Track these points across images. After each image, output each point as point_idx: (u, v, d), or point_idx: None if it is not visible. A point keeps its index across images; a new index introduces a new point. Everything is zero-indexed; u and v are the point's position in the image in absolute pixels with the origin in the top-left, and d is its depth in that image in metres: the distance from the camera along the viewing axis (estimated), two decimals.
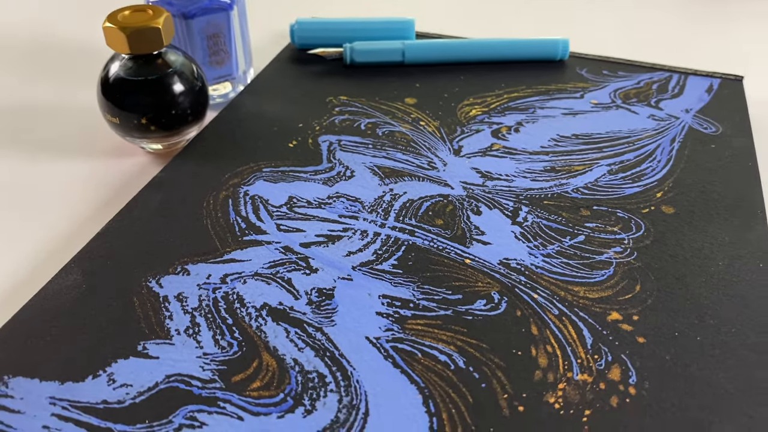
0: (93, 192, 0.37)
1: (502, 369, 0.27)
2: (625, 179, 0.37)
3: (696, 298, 0.30)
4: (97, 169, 0.39)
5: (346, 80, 0.45)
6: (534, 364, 0.27)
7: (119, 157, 0.40)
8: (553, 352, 0.28)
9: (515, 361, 0.27)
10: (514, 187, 0.36)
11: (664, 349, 0.28)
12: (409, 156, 0.38)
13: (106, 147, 0.41)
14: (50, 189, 0.38)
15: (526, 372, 0.27)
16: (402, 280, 0.31)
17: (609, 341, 0.28)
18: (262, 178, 0.37)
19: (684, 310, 0.29)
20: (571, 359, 0.27)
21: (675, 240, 0.33)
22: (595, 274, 0.31)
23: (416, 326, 0.29)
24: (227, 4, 0.42)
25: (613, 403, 0.26)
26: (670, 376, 0.27)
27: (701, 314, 0.29)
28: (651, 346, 0.28)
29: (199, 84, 0.39)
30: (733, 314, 0.29)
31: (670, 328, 0.29)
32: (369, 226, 0.34)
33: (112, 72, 0.38)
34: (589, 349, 0.28)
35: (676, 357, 0.27)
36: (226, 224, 0.34)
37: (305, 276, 0.31)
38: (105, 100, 0.38)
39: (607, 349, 0.28)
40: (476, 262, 0.32)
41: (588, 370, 0.27)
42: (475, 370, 0.27)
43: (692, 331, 0.28)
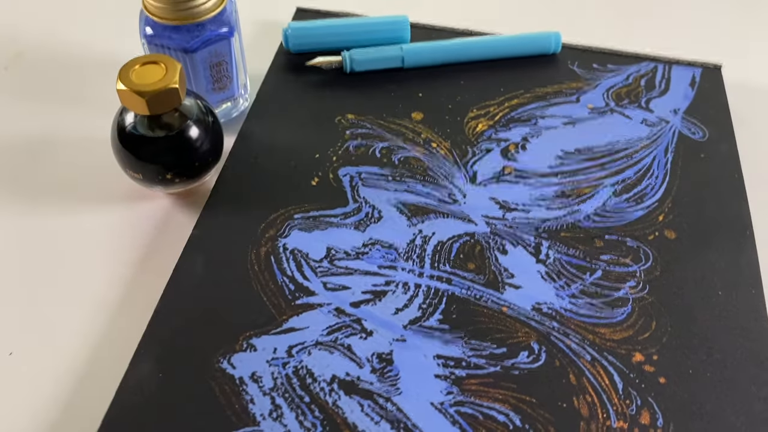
0: (124, 246, 0.38)
1: (552, 423, 0.31)
2: (629, 201, 0.40)
3: (703, 333, 0.35)
4: (121, 218, 0.39)
5: (348, 93, 0.45)
6: (578, 415, 0.32)
7: (140, 201, 0.40)
8: (591, 401, 0.32)
9: (562, 415, 0.32)
10: (532, 218, 0.39)
11: (682, 389, 0.33)
12: (429, 188, 0.40)
13: (124, 189, 0.41)
14: (76, 246, 0.38)
15: (572, 424, 0.31)
16: (450, 337, 0.34)
17: (636, 384, 0.33)
18: (296, 227, 0.38)
19: (694, 346, 0.34)
20: (607, 407, 0.32)
21: (680, 270, 0.37)
22: (616, 314, 0.35)
23: (472, 386, 0.32)
24: (228, 32, 0.40)
25: None
26: (690, 416, 0.32)
27: (709, 349, 0.34)
28: (671, 387, 0.33)
29: (211, 119, 0.39)
30: (735, 347, 0.34)
31: (684, 366, 0.33)
32: (408, 277, 0.36)
33: (130, 126, 0.37)
34: (621, 394, 0.33)
35: (693, 396, 0.32)
36: (276, 287, 0.35)
37: (363, 341, 0.34)
38: (125, 157, 0.38)
39: (635, 393, 0.33)
40: (512, 310, 0.35)
41: (623, 416, 0.32)
42: (530, 427, 0.31)
43: (703, 368, 0.33)
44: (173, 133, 0.37)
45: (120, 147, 0.37)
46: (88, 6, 0.53)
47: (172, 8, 0.38)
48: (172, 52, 0.40)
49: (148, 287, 0.36)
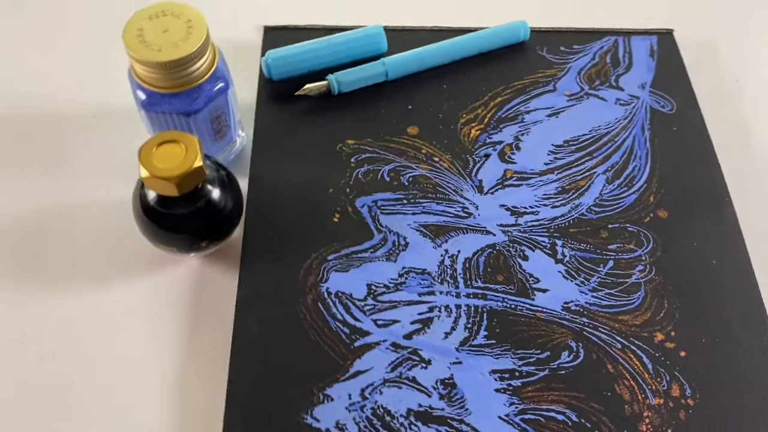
0: (168, 315, 0.39)
1: (602, 412, 0.36)
2: (621, 186, 0.44)
3: (708, 302, 0.40)
4: (155, 286, 0.40)
5: (342, 116, 0.46)
6: (621, 400, 0.37)
7: (168, 265, 0.41)
8: (629, 385, 0.37)
9: (609, 402, 0.37)
10: (542, 219, 0.43)
11: (700, 358, 0.38)
12: (443, 205, 0.43)
13: (147, 254, 0.41)
14: (118, 323, 0.39)
15: (618, 409, 0.37)
16: (500, 351, 0.38)
17: (662, 362, 0.38)
18: (332, 269, 0.40)
19: (703, 316, 0.39)
20: (643, 387, 0.37)
21: (677, 248, 0.42)
22: (633, 299, 0.40)
23: (529, 393, 0.37)
24: (225, 86, 0.40)
25: (681, 416, 0.37)
26: (710, 381, 0.37)
27: (715, 316, 0.40)
28: (691, 358, 0.38)
29: (224, 173, 0.40)
30: (735, 308, 0.40)
31: (696, 336, 0.39)
32: (448, 300, 0.39)
33: (153, 202, 0.37)
34: (652, 373, 0.38)
35: (710, 362, 0.38)
36: (332, 334, 0.38)
37: (424, 370, 0.37)
38: (156, 234, 0.38)
39: (663, 370, 0.38)
40: (546, 314, 0.39)
41: (658, 393, 0.37)
42: (586, 420, 0.36)
43: (712, 334, 0.39)
44: (201, 203, 0.38)
45: (150, 224, 0.38)
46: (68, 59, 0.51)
47: (169, 77, 0.38)
48: (173, 116, 0.40)
49: (208, 355, 0.38)
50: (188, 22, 0.38)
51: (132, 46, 0.37)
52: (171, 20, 0.38)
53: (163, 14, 0.39)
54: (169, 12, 0.39)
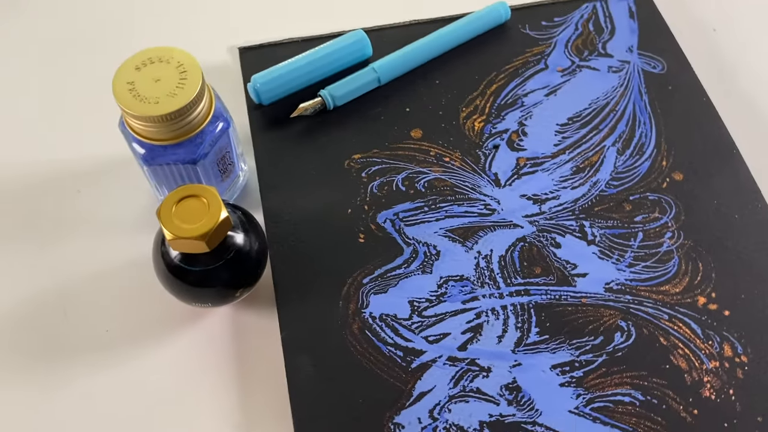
0: (216, 370, 0.38)
1: (666, 386, 0.37)
2: (633, 155, 0.44)
3: (738, 256, 0.41)
4: (194, 342, 0.39)
5: (343, 131, 0.45)
6: (679, 370, 0.37)
7: (200, 317, 0.39)
8: (684, 354, 0.38)
9: (670, 375, 0.37)
10: (565, 203, 0.42)
11: (744, 315, 0.39)
12: (465, 206, 0.42)
13: (177, 312, 0.39)
14: (168, 387, 0.37)
15: (679, 379, 0.37)
16: (555, 345, 0.38)
17: (710, 324, 0.39)
18: (371, 293, 0.39)
19: (736, 272, 0.40)
20: (698, 353, 0.38)
21: (699, 208, 0.42)
22: (669, 267, 0.40)
23: (592, 382, 0.37)
24: (226, 125, 0.38)
25: (739, 375, 0.37)
26: (758, 333, 0.38)
27: (748, 269, 0.40)
28: (735, 316, 0.39)
29: (240, 213, 0.38)
30: (764, 260, 0.41)
31: (736, 292, 0.40)
32: (492, 302, 0.39)
33: (179, 260, 0.36)
34: (702, 338, 0.38)
35: (753, 316, 0.39)
36: (386, 359, 0.37)
37: (486, 379, 0.37)
38: (190, 293, 0.37)
39: (712, 332, 0.38)
40: (591, 298, 0.39)
41: (712, 356, 0.38)
42: (652, 397, 0.37)
43: (750, 288, 0.40)
44: (230, 254, 0.36)
45: (178, 283, 0.36)
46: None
47: (169, 129, 0.36)
48: (178, 166, 0.38)
49: (267, 404, 0.37)
50: (179, 66, 0.36)
51: (125, 101, 0.35)
52: (161, 67, 0.36)
53: (150, 62, 0.36)
54: (157, 58, 0.36)
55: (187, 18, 0.51)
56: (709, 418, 0.36)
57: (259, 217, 0.42)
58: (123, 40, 0.49)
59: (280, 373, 0.37)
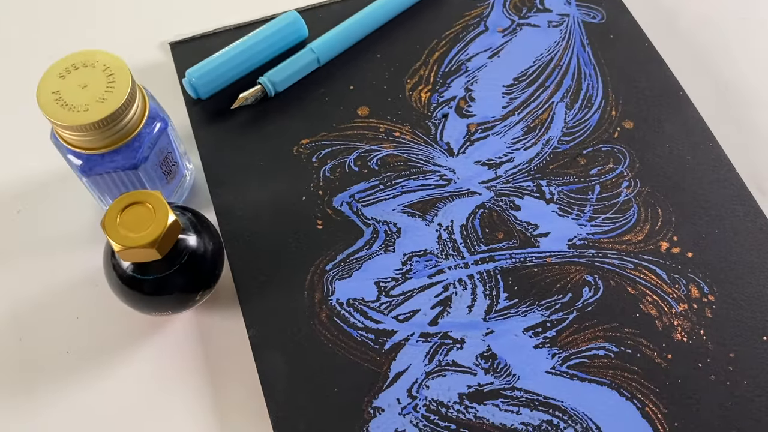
0: (185, 379, 0.37)
1: (638, 335, 0.37)
2: (582, 108, 0.44)
3: (694, 199, 0.41)
4: (158, 353, 0.37)
5: (287, 117, 0.43)
6: (650, 317, 0.38)
7: (162, 325, 0.38)
8: (653, 300, 0.38)
9: (641, 323, 0.37)
10: (520, 164, 0.42)
11: (707, 254, 0.39)
12: (420, 179, 0.41)
13: (135, 322, 0.38)
14: (140, 403, 0.36)
15: (651, 326, 0.37)
16: (525, 308, 0.38)
17: (674, 268, 0.39)
18: (335, 279, 0.38)
19: (694, 213, 0.40)
20: (666, 299, 0.38)
21: (652, 154, 0.42)
22: (629, 216, 0.40)
23: (566, 340, 0.37)
24: (164, 125, 0.37)
25: (708, 314, 0.38)
26: (720, 272, 0.39)
27: (704, 210, 0.41)
28: (698, 257, 0.39)
29: (189, 213, 0.37)
30: (719, 197, 0.41)
31: (696, 234, 0.40)
32: (458, 273, 0.39)
33: (132, 271, 0.34)
34: (669, 282, 0.39)
35: (715, 255, 0.39)
36: (359, 344, 0.37)
37: (460, 351, 0.37)
38: (148, 303, 0.35)
39: (677, 276, 0.39)
40: (555, 257, 0.39)
41: (680, 299, 0.38)
42: (626, 347, 0.37)
43: (709, 227, 0.40)
44: (184, 258, 0.35)
45: (133, 294, 0.35)
46: None
47: (103, 136, 0.34)
48: (119, 174, 0.36)
49: (242, 405, 0.36)
50: (106, 70, 0.34)
51: (52, 112, 0.33)
52: (86, 72, 0.34)
53: (74, 67, 0.34)
54: (81, 63, 0.34)
55: (113, 17, 0.49)
56: (684, 361, 0.36)
57: (211, 216, 0.40)
58: (45, 45, 0.47)
59: (252, 372, 0.37)
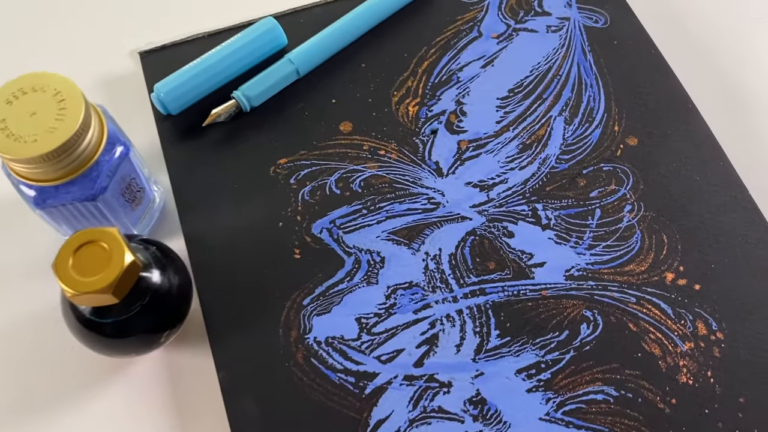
0: (152, 421, 0.34)
1: (639, 377, 0.34)
2: (582, 123, 0.41)
3: (703, 223, 0.38)
4: (124, 395, 0.35)
5: (263, 135, 0.40)
6: (653, 357, 0.35)
7: (130, 367, 0.36)
8: (656, 338, 0.35)
9: (643, 363, 0.34)
10: (514, 186, 0.39)
11: (716, 286, 0.36)
12: (406, 203, 0.38)
13: (100, 364, 0.36)
14: None
15: (654, 367, 0.34)
16: (518, 347, 0.35)
17: (681, 302, 0.36)
18: (313, 315, 0.36)
19: (702, 240, 0.37)
20: (671, 336, 0.35)
21: (657, 174, 0.39)
22: (631, 243, 0.37)
23: (562, 383, 0.34)
24: (125, 150, 0.34)
25: (716, 353, 0.35)
26: (731, 305, 0.36)
27: (715, 235, 0.37)
28: (706, 289, 0.36)
29: (154, 248, 0.34)
30: (729, 222, 0.38)
31: (704, 263, 0.37)
32: (446, 308, 0.36)
33: (90, 314, 0.32)
34: (674, 318, 0.36)
35: (725, 287, 0.36)
36: (337, 388, 0.34)
37: (447, 395, 0.34)
38: (112, 347, 0.33)
39: (683, 310, 0.36)
40: (551, 289, 0.36)
41: (686, 337, 0.35)
42: (626, 390, 0.34)
43: (719, 255, 0.37)
44: (146, 299, 0.32)
45: (94, 336, 0.32)
46: None
47: (56, 168, 0.31)
48: (76, 205, 0.33)
49: None
50: (57, 95, 0.31)
51: None
52: (35, 98, 0.31)
53: (22, 93, 0.31)
54: (29, 87, 0.31)
55: (82, 22, 0.46)
56: (689, 406, 0.34)
57: (181, 243, 0.38)
58: (13, 53, 0.44)
59: (223, 416, 0.34)
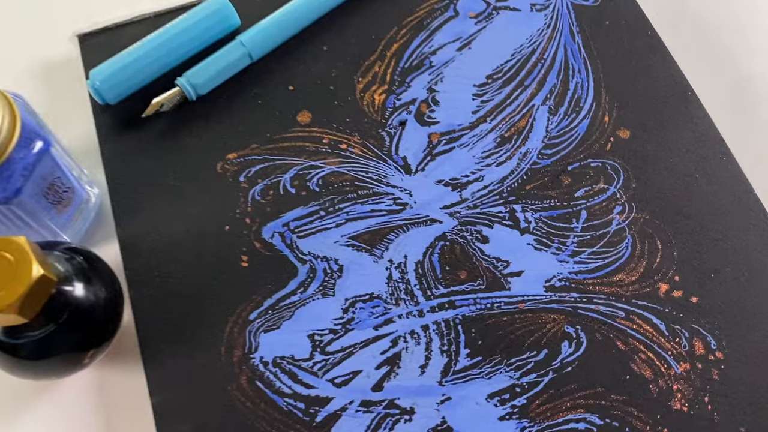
0: None
1: (627, 402, 0.30)
2: (569, 113, 0.36)
3: (703, 227, 0.34)
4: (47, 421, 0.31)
5: (210, 126, 0.36)
6: (643, 380, 0.31)
7: (52, 391, 0.32)
8: (648, 358, 0.31)
9: (632, 388, 0.30)
10: (490, 184, 0.35)
11: (716, 299, 0.32)
12: (370, 203, 0.34)
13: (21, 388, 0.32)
14: None
15: (644, 392, 0.30)
16: (489, 368, 0.31)
17: (676, 317, 0.32)
18: (260, 331, 0.32)
19: (702, 247, 0.33)
20: (663, 356, 0.31)
21: (652, 171, 0.35)
22: (621, 250, 0.33)
23: (539, 410, 0.30)
24: (45, 146, 0.30)
25: (715, 376, 0.31)
26: (737, 324, 0.32)
27: (715, 241, 0.33)
28: (705, 302, 0.32)
29: (80, 258, 0.30)
30: (735, 227, 0.33)
31: (703, 273, 0.33)
32: (411, 323, 0.32)
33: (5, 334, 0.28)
34: (668, 335, 0.31)
35: (729, 301, 0.32)
36: (285, 416, 0.30)
37: (409, 423, 0.30)
38: (22, 368, 0.29)
39: (678, 326, 0.32)
40: (529, 302, 0.32)
41: (681, 357, 0.31)
42: (611, 419, 0.30)
43: (720, 264, 0.33)
44: (64, 316, 0.28)
45: (11, 360, 0.28)
46: None
47: None
48: None
49: None
50: None
51: None
52: None
53: None
54: None
55: (17, 2, 0.42)
56: None
57: (116, 250, 0.34)
58: None
59: None
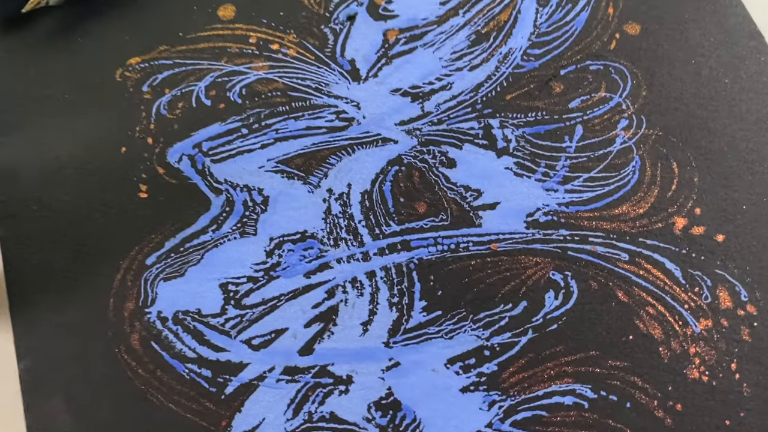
0: None
1: (629, 370, 0.23)
2: (562, 4, 0.28)
3: (733, 147, 0.26)
4: None
5: (109, 24, 0.29)
6: (651, 340, 0.24)
7: None
8: (658, 313, 0.24)
9: (634, 351, 0.24)
10: (460, 94, 0.27)
11: (747, 238, 0.25)
12: (306, 118, 0.27)
13: None
14: None
15: (652, 357, 0.23)
16: (451, 325, 0.24)
17: (695, 260, 0.25)
18: (160, 279, 0.25)
19: (731, 171, 0.26)
20: (678, 310, 0.24)
21: (669, 75, 0.27)
22: (626, 174, 0.26)
23: (512, 379, 0.23)
24: None
25: (745, 336, 0.24)
26: None
27: (747, 163, 0.26)
28: (732, 242, 0.25)
29: None
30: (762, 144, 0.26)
31: (732, 204, 0.25)
32: (353, 269, 0.25)
33: None
34: (684, 284, 0.24)
35: (761, 237, 0.25)
36: (186, 385, 0.23)
37: (345, 395, 0.23)
38: None
39: (699, 272, 0.24)
40: (505, 242, 0.25)
41: (701, 312, 0.24)
42: (608, 391, 0.23)
43: (753, 194, 0.25)
44: None
45: None
46: None
47: None
48: None
49: None
50: None
51: None
52: None
53: None
54: None
55: None
56: (701, 415, 0.23)
57: None
58: None
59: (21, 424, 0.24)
